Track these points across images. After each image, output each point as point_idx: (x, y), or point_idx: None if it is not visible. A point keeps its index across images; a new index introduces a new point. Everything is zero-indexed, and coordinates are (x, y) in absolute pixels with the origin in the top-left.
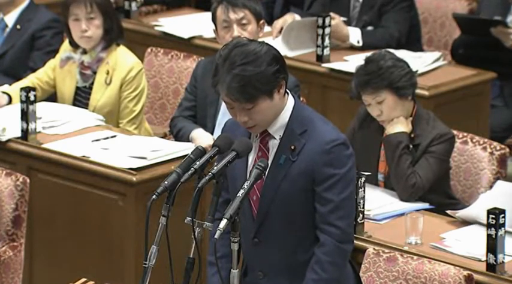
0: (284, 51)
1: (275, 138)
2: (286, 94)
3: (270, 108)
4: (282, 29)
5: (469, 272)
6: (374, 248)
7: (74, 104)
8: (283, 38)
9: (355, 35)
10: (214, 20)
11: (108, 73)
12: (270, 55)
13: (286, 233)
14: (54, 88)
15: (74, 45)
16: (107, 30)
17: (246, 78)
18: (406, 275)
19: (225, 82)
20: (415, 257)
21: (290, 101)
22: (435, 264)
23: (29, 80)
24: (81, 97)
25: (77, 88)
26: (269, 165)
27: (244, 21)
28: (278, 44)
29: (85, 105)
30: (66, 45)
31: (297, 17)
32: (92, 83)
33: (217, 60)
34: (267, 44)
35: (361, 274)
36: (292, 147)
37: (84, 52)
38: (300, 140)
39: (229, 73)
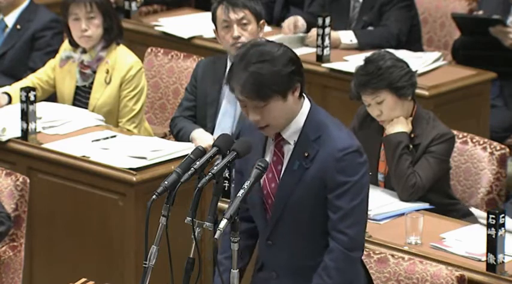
0: None
1: (290, 143)
2: (302, 98)
3: (283, 109)
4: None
5: (461, 273)
6: (365, 250)
7: (74, 103)
8: None
9: (346, 36)
10: (214, 20)
11: (107, 72)
12: (287, 57)
13: (295, 238)
14: (54, 88)
15: (74, 45)
16: (106, 29)
17: (261, 76)
18: (398, 276)
19: (240, 80)
20: (406, 257)
21: (306, 105)
22: (427, 265)
23: (29, 80)
24: (80, 97)
25: (77, 87)
26: (283, 169)
27: (244, 21)
28: None
29: (85, 105)
30: (66, 44)
31: (302, 21)
32: (92, 82)
33: (234, 59)
34: (285, 46)
35: None
36: (306, 154)
37: (84, 51)
38: (314, 147)
39: (244, 71)
